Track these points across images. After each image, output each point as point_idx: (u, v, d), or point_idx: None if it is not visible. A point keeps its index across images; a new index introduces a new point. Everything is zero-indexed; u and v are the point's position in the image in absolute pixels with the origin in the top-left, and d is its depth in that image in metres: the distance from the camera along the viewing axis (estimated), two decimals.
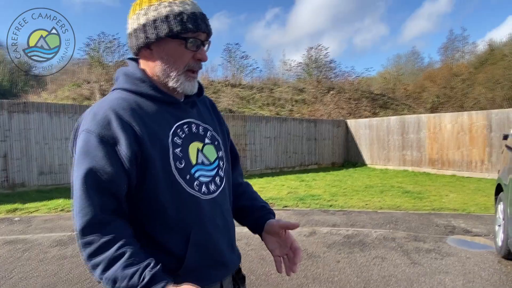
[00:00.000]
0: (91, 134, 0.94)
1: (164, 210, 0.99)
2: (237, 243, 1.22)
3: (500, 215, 4.08)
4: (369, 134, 13.50)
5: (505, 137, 4.49)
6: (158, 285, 0.86)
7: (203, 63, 1.09)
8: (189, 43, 1.01)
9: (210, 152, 1.11)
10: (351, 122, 14.49)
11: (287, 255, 1.15)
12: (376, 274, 3.60)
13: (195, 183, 1.03)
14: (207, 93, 19.27)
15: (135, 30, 1.02)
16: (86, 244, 0.89)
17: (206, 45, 1.07)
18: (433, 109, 25.50)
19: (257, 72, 32.08)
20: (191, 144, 1.06)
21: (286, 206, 6.73)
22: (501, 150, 4.55)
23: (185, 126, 1.07)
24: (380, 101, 22.51)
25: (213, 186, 1.08)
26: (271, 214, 1.21)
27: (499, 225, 4.09)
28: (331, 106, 18.61)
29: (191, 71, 1.05)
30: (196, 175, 1.04)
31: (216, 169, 1.11)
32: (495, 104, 24.12)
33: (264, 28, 56.08)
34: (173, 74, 1.03)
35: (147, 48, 1.02)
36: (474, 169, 10.20)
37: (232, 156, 1.33)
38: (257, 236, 1.22)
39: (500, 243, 3.97)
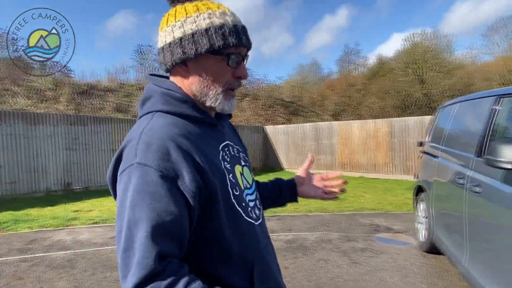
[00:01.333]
0: (149, 168, 0.79)
1: (229, 246, 0.89)
2: None
3: (420, 213, 4.61)
4: (286, 140, 14.15)
5: (421, 144, 5.10)
6: None
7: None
8: (231, 60, 0.91)
9: (248, 174, 1.05)
10: (269, 128, 15.02)
11: (325, 187, 1.29)
12: (324, 277, 3.78)
13: (249, 209, 0.97)
14: (118, 96, 18.14)
15: (169, 44, 0.90)
16: None
17: (245, 60, 0.97)
18: (335, 116, 27.84)
19: None
20: (236, 167, 0.99)
21: None
22: (419, 155, 5.16)
23: (226, 149, 0.99)
24: (291, 108, 23.77)
25: (257, 210, 1.03)
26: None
27: (420, 223, 4.63)
28: (249, 112, 19.03)
29: (231, 89, 0.96)
30: (247, 200, 0.98)
31: (256, 192, 1.07)
32: (386, 112, 27.30)
33: None
34: (211, 93, 0.93)
35: (182, 64, 0.92)
36: (379, 171, 11.41)
37: None
38: None
39: (422, 239, 4.49)
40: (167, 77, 1.01)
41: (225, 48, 0.89)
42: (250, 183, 1.04)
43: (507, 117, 2.92)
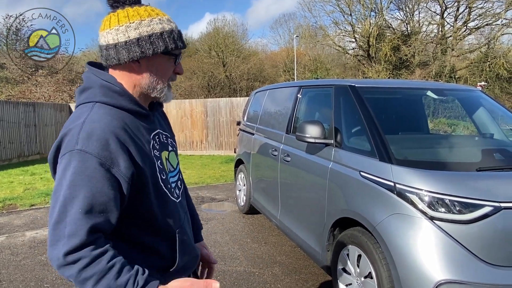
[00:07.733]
0: (89, 155, 0.91)
1: (156, 220, 1.07)
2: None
3: (240, 182, 5.43)
4: None
5: (238, 123, 5.89)
6: (152, 285, 0.93)
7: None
8: (177, 60, 1.09)
9: (173, 158, 1.21)
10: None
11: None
12: None
13: (172, 190, 1.14)
14: None
15: (125, 43, 1.00)
16: (75, 261, 0.88)
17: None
18: None
19: None
20: (162, 153, 1.13)
21: (34, 205, 5.89)
22: (237, 133, 5.95)
23: (156, 137, 1.13)
24: None
25: (177, 190, 1.19)
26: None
27: (240, 190, 5.45)
28: (51, 88, 16.58)
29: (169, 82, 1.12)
30: (171, 182, 1.14)
31: (178, 173, 1.24)
32: (194, 92, 28.69)
33: None
34: (159, 86, 1.08)
35: (136, 61, 1.03)
36: (196, 148, 12.22)
37: None
38: (20, 244, 1.36)
39: (242, 203, 5.32)
40: (102, 68, 1.10)
41: (174, 50, 1.06)
42: (174, 167, 1.20)
43: (306, 102, 3.88)
